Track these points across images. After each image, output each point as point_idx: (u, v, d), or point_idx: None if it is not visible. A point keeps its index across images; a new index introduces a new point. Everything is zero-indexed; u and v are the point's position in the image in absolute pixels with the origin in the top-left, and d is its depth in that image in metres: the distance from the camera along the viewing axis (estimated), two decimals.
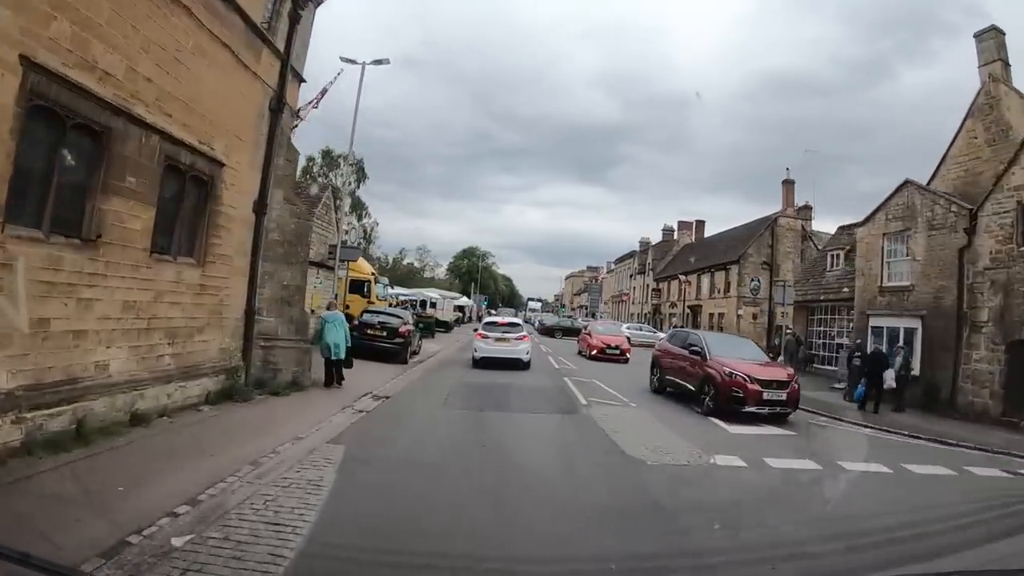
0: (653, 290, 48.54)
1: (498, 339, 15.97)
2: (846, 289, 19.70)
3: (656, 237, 55.42)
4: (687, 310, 40.82)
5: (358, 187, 43.11)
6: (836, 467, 7.46)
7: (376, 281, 21.10)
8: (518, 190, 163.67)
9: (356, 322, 14.49)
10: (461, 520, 4.65)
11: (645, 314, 51.76)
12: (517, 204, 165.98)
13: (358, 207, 43.35)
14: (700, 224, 50.75)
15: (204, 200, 7.88)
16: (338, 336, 10.65)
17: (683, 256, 49.17)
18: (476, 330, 18.82)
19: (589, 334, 24.04)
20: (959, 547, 4.58)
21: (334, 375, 10.72)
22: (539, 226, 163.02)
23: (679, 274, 41.55)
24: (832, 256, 22.98)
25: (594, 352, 21.84)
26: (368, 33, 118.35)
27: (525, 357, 15.86)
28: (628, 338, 35.18)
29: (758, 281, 35.70)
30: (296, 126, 13.12)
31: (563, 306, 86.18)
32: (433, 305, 35.88)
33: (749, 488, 6.45)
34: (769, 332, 36.58)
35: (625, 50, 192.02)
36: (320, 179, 42.00)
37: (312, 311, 15.60)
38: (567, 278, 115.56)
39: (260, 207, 9.25)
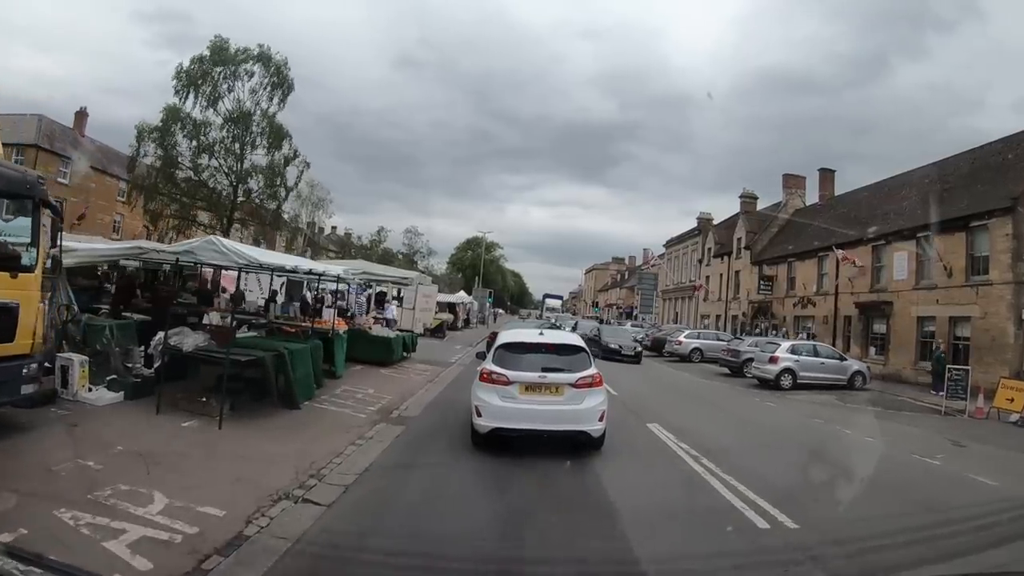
0: (762, 278, 30.29)
1: (534, 386, 6.48)
2: None
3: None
4: (855, 310, 22.78)
5: (278, 106, 25.43)
6: None
7: None
8: (522, 189, 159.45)
9: None
10: None
11: (736, 316, 33.69)
12: (521, 203, 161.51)
13: (277, 137, 25.49)
14: (828, 175, 32.57)
15: None
16: None
17: (801, 227, 31.26)
18: (480, 364, 7.15)
19: None
20: None
21: None
22: (544, 225, 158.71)
23: (836, 246, 23.32)
24: None
25: None
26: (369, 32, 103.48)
27: (596, 428, 6.59)
28: (788, 369, 17.63)
29: None
30: None
31: (596, 305, 67.58)
32: (323, 304, 14.07)
33: None
34: None
35: (622, 50, 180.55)
36: (207, 90, 24.60)
37: None
38: (588, 271, 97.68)
39: None
